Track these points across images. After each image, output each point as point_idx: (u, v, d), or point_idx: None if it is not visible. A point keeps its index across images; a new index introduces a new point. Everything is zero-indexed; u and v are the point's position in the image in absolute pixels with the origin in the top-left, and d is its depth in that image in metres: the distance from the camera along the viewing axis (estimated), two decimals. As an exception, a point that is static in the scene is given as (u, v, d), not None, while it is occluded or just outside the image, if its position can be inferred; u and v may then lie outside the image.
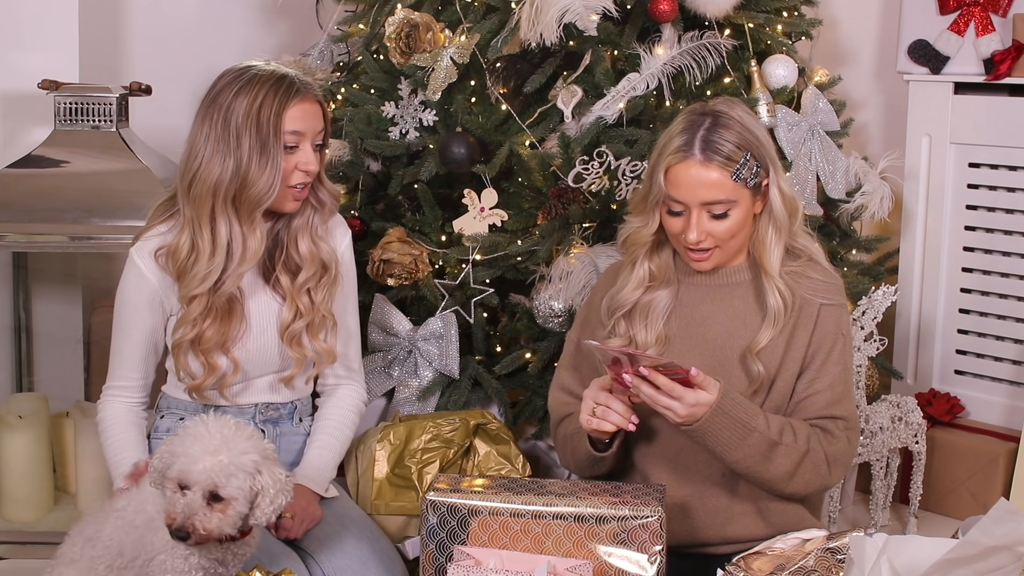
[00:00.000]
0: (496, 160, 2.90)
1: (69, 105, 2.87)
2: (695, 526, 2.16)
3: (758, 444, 2.04)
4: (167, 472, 1.82)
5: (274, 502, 1.85)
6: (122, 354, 2.26)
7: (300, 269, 2.26)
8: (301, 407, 2.37)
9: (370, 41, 3.21)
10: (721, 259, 2.16)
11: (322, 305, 2.27)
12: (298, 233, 2.27)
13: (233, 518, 1.82)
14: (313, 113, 2.19)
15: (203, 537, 1.80)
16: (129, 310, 2.22)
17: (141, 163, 2.83)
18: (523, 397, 2.94)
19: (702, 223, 2.10)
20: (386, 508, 2.55)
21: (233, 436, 1.83)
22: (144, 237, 2.22)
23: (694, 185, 2.08)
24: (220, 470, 1.80)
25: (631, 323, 2.20)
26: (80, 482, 2.81)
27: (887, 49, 3.68)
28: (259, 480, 1.84)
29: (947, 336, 3.45)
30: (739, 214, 2.11)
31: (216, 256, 2.15)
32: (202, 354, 2.19)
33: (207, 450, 1.80)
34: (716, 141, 2.07)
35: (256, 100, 2.13)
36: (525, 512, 1.86)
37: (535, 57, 2.94)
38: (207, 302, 2.17)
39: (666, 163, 2.10)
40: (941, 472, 3.28)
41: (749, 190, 2.10)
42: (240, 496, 1.81)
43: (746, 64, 3.03)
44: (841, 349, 2.17)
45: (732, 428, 2.02)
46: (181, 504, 1.80)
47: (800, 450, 2.07)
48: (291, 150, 2.17)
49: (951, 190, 3.41)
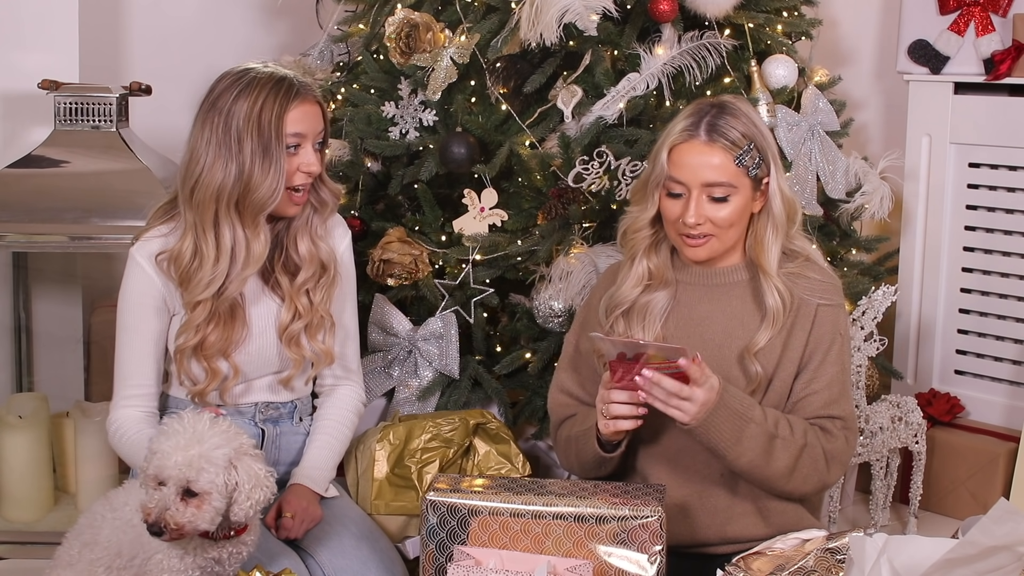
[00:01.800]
0: (496, 160, 2.90)
1: (69, 105, 2.87)
2: (695, 526, 2.16)
3: (756, 436, 2.04)
4: (147, 471, 1.83)
5: (250, 497, 1.85)
6: (132, 361, 2.21)
7: (299, 270, 2.26)
8: (301, 407, 2.37)
9: (370, 41, 3.21)
10: (716, 249, 2.16)
11: (320, 306, 2.27)
12: (297, 233, 2.26)
13: (209, 513, 1.82)
14: (313, 114, 2.19)
15: (176, 532, 1.81)
16: (136, 313, 2.20)
17: (141, 163, 2.83)
18: (523, 397, 2.93)
19: (701, 206, 2.10)
20: (386, 508, 2.55)
21: (206, 431, 1.84)
22: (144, 237, 2.21)
23: (697, 164, 2.09)
24: (190, 464, 1.80)
25: (629, 323, 2.20)
26: (80, 482, 2.81)
27: (887, 49, 3.68)
28: (234, 475, 1.84)
29: (947, 336, 3.45)
30: (738, 202, 2.11)
31: (221, 261, 2.14)
32: (204, 359, 2.19)
33: (179, 445, 1.81)
34: (722, 126, 2.09)
35: (256, 103, 2.12)
36: (525, 512, 1.86)
37: (535, 57, 2.94)
38: (211, 307, 2.16)
39: (670, 143, 2.11)
40: (941, 472, 3.28)
41: (750, 180, 2.11)
42: (214, 491, 1.82)
43: (746, 64, 3.03)
44: (839, 349, 2.17)
45: (731, 421, 2.02)
46: (156, 499, 1.80)
47: (798, 444, 2.07)
48: (292, 152, 2.16)
49: (951, 190, 3.41)
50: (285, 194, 2.17)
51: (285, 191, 2.17)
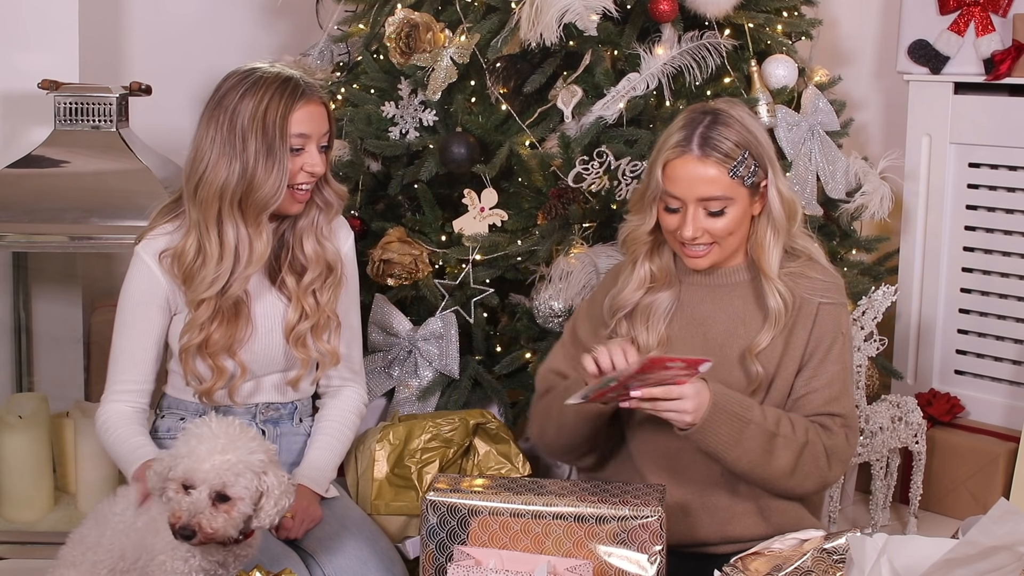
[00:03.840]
0: (496, 160, 2.90)
1: (69, 105, 2.87)
2: (695, 526, 2.17)
3: (756, 436, 2.04)
4: (171, 474, 1.82)
5: (278, 504, 1.86)
6: (126, 356, 2.22)
7: (306, 270, 2.26)
8: (302, 408, 2.37)
9: (370, 41, 3.21)
10: (718, 257, 2.16)
11: (327, 306, 2.27)
12: (303, 234, 2.27)
13: (237, 519, 1.82)
14: (318, 115, 2.19)
15: (208, 536, 1.81)
16: (136, 309, 2.21)
17: (141, 163, 2.83)
18: (523, 397, 2.93)
19: (698, 220, 2.10)
20: (386, 508, 2.55)
21: (239, 436, 1.83)
22: (150, 235, 2.22)
23: (691, 180, 2.08)
24: (228, 469, 1.80)
25: (632, 324, 2.20)
26: (80, 482, 2.81)
27: (887, 49, 3.68)
28: (265, 481, 1.84)
29: (947, 336, 3.45)
30: (735, 212, 2.11)
31: (224, 260, 2.15)
32: (209, 357, 2.19)
33: (214, 449, 1.81)
34: (715, 138, 2.07)
35: (262, 103, 2.12)
36: (525, 512, 1.86)
37: (535, 57, 2.95)
38: (215, 306, 2.17)
39: (664, 158, 2.10)
40: (941, 472, 3.28)
41: (747, 189, 2.11)
42: (246, 496, 1.82)
43: (746, 64, 3.03)
44: (840, 348, 2.17)
45: (729, 423, 2.02)
46: (186, 503, 1.80)
47: (799, 441, 2.07)
48: (297, 152, 2.17)
49: (951, 190, 3.41)
50: (288, 192, 2.18)
51: (288, 190, 2.17)
